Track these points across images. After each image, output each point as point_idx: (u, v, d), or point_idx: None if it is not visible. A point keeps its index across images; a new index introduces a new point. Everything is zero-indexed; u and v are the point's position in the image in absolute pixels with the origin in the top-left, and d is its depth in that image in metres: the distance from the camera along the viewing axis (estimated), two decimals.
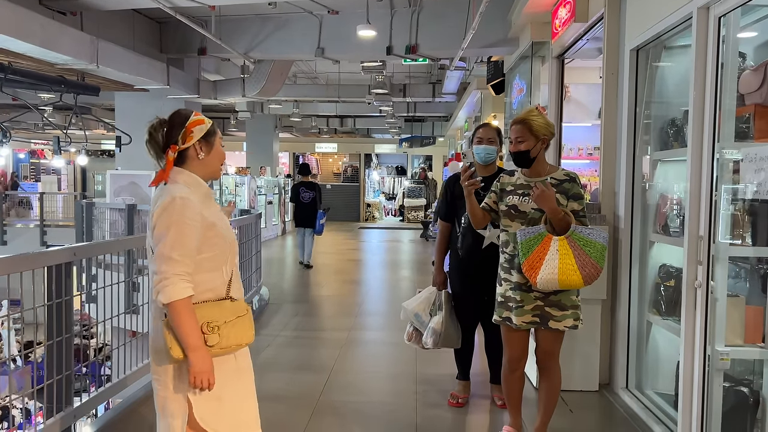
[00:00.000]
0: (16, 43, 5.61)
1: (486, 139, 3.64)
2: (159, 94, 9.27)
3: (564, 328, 2.93)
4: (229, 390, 2.14)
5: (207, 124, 2.17)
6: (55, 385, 3.01)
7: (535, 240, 2.78)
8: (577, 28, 4.81)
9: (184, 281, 1.97)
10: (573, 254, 2.72)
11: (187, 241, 2.00)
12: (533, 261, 2.75)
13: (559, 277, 2.73)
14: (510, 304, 2.96)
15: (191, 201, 2.03)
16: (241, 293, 2.21)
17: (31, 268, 2.88)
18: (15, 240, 13.97)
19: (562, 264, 2.72)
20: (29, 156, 22.20)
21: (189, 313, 1.98)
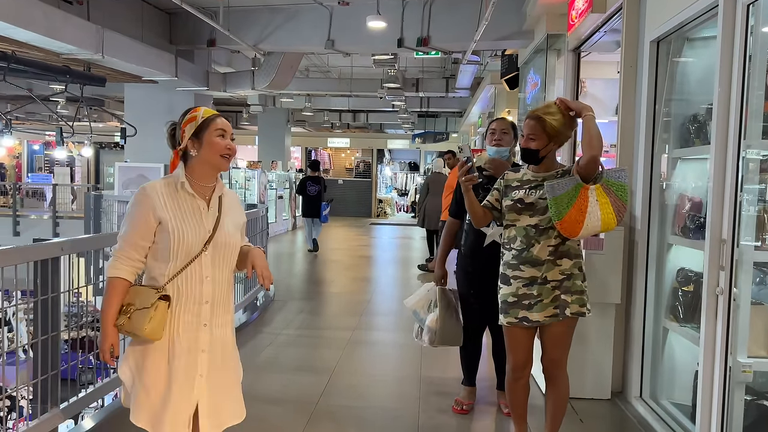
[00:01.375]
0: (17, 31, 5.50)
1: (499, 131, 3.54)
2: (168, 86, 9.18)
3: (572, 314, 2.79)
4: (147, 378, 2.13)
5: (197, 120, 2.18)
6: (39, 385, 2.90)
7: (572, 193, 2.66)
8: (595, 20, 4.61)
9: (118, 261, 2.13)
10: (609, 200, 2.68)
11: (131, 229, 2.14)
12: (575, 215, 2.65)
13: (602, 226, 2.69)
14: (525, 302, 2.79)
15: (148, 194, 2.13)
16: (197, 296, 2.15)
17: (17, 263, 2.78)
18: (27, 231, 14.05)
19: (604, 213, 2.67)
20: (43, 147, 22.30)
21: (110, 291, 2.13)
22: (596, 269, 3.87)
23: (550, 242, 2.75)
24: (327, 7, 8.14)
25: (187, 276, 2.14)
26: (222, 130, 2.19)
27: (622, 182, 2.70)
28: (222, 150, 2.18)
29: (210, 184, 2.22)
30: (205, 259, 2.15)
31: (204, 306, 2.16)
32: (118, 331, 2.13)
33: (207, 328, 2.17)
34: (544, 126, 2.75)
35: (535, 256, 2.75)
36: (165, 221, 2.11)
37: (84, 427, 3.31)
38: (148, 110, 9.53)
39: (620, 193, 2.69)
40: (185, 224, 2.13)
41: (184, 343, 2.14)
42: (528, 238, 2.77)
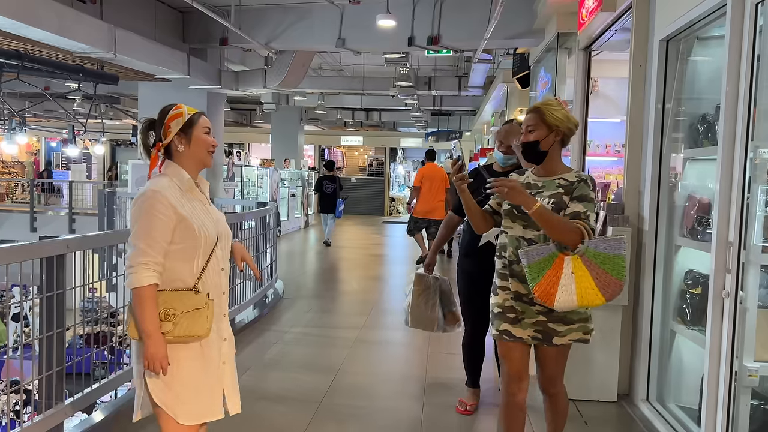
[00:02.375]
0: (30, 30, 5.57)
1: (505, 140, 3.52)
2: (181, 84, 9.23)
3: (569, 341, 2.56)
4: (186, 375, 2.15)
5: (184, 116, 2.19)
6: (45, 380, 2.93)
7: (545, 262, 2.40)
8: (605, 18, 4.56)
9: (148, 270, 2.06)
10: (591, 275, 2.39)
11: (155, 232, 2.08)
12: (546, 287, 2.38)
13: (578, 302, 2.39)
14: (510, 315, 2.58)
15: (162, 193, 2.10)
16: (219, 288, 2.23)
17: (23, 259, 2.81)
18: (44, 227, 14.16)
19: (580, 288, 2.38)
20: (60, 144, 22.57)
21: (148, 300, 2.06)
22: None
23: None
24: (338, 6, 8.14)
25: (210, 271, 2.18)
26: (207, 127, 2.24)
27: (611, 254, 2.40)
28: (209, 146, 2.23)
29: (196, 180, 2.26)
30: (218, 252, 2.21)
31: (223, 296, 2.26)
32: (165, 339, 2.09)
33: (225, 317, 2.29)
34: (542, 116, 2.55)
35: (523, 272, 2.49)
36: (188, 218, 2.12)
37: (94, 420, 3.35)
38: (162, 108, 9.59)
39: (607, 266, 2.39)
40: (203, 219, 2.18)
41: (213, 333, 2.19)
42: (517, 250, 2.52)
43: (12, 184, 18.55)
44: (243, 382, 4.10)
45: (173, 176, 2.18)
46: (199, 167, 2.25)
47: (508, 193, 2.39)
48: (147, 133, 2.24)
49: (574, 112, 5.39)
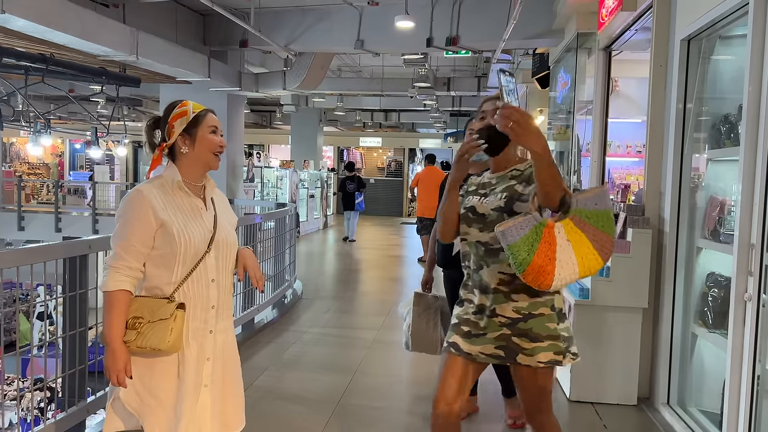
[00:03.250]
0: (55, 34, 5.67)
1: (491, 114, 3.24)
2: (202, 86, 9.32)
3: (538, 364, 2.16)
4: (159, 387, 2.00)
5: (188, 115, 2.05)
6: (68, 378, 2.99)
7: (533, 236, 2.01)
8: (625, 18, 4.52)
9: (118, 274, 1.96)
10: (587, 237, 2.03)
11: (131, 236, 1.97)
12: (542, 263, 2.00)
13: (580, 273, 2.05)
14: (464, 329, 2.26)
15: (145, 196, 1.98)
16: (204, 301, 2.04)
17: (47, 260, 2.87)
18: (68, 228, 14.33)
19: (580, 254, 2.02)
20: (84, 146, 22.92)
21: (113, 307, 1.95)
22: (623, 273, 3.80)
23: (503, 269, 2.17)
24: (357, 8, 8.17)
25: (193, 281, 2.01)
26: (214, 126, 2.08)
27: (602, 209, 2.05)
28: (215, 147, 2.07)
29: (200, 183, 2.11)
30: (210, 261, 2.04)
31: (210, 311, 2.06)
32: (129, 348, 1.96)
33: (212, 335, 2.07)
34: None
35: (485, 282, 2.21)
36: (168, 223, 1.97)
37: None
38: None
39: (601, 224, 2.05)
40: (188, 225, 2.01)
41: (193, 352, 2.02)
42: (478, 257, 2.24)
43: (37, 185, 18.87)
44: (261, 382, 4.17)
45: (167, 178, 2.05)
46: (204, 169, 2.10)
47: (515, 127, 1.85)
48: (152, 132, 2.10)
49: (594, 112, 5.35)
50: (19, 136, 19.86)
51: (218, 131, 2.10)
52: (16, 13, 5.04)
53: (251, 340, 5.24)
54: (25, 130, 11.39)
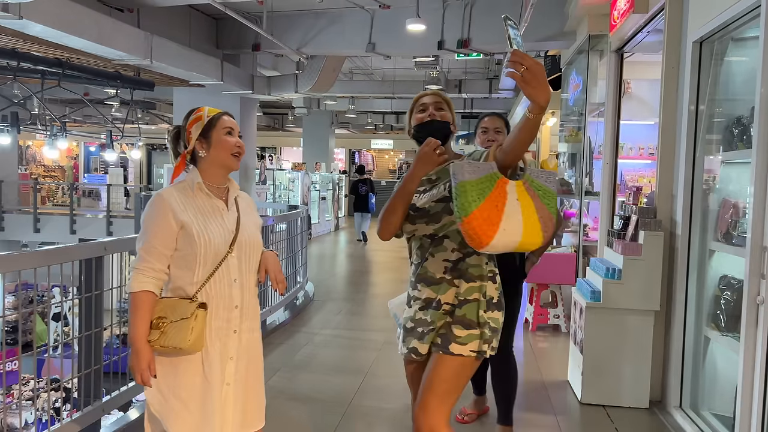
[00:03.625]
0: (71, 39, 5.76)
1: (493, 129, 3.11)
2: (215, 89, 9.41)
3: (471, 353, 2.12)
4: (184, 388, 2.04)
5: (203, 120, 2.10)
6: (83, 378, 3.04)
7: (487, 182, 1.91)
8: (637, 20, 4.51)
9: (143, 275, 2.02)
10: (534, 206, 1.95)
11: (153, 239, 2.02)
12: (488, 213, 1.87)
13: (522, 237, 1.92)
14: (419, 330, 2.21)
15: (165, 199, 2.04)
16: (227, 300, 2.07)
17: (64, 261, 2.91)
18: (83, 230, 14.47)
19: (527, 220, 1.91)
20: (99, 149, 23.17)
21: (138, 308, 2.01)
22: (635, 275, 3.79)
23: (447, 256, 2.16)
24: (368, 11, 8.20)
25: (216, 281, 2.04)
26: (229, 128, 2.10)
27: (550, 188, 2.00)
28: (232, 148, 2.09)
29: (223, 185, 2.15)
30: (232, 261, 2.07)
31: (234, 311, 2.08)
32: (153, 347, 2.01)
33: (236, 334, 2.10)
34: (447, 101, 2.30)
35: (430, 273, 2.18)
36: (188, 225, 2.01)
37: (130, 417, 3.45)
38: None
39: (547, 201, 1.98)
40: (208, 226, 2.04)
41: (216, 351, 2.05)
42: (423, 250, 2.22)
43: (53, 187, 19.10)
44: (273, 383, 4.20)
45: (188, 181, 2.10)
46: (224, 171, 2.13)
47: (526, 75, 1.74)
48: (176, 141, 2.17)
49: (606, 114, 5.34)
50: (35, 139, 20.12)
51: (234, 132, 2.12)
52: (34, 18, 5.13)
53: (263, 341, 5.22)
54: (41, 133, 11.53)
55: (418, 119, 2.26)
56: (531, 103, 1.81)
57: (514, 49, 1.79)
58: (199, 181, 2.08)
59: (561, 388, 4.24)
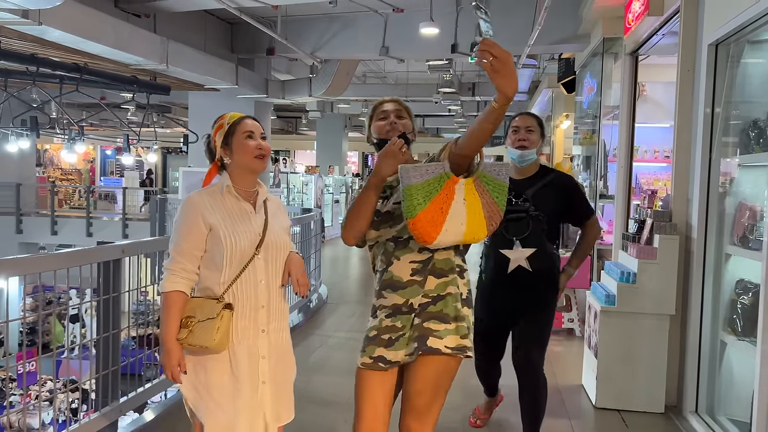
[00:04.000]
0: (89, 44, 5.86)
1: (524, 128, 2.93)
2: (230, 93, 9.49)
3: (446, 349, 2.10)
4: (214, 385, 2.09)
5: (224, 127, 2.15)
6: (101, 379, 3.08)
7: (434, 185, 1.99)
8: (652, 23, 4.50)
9: (175, 275, 2.09)
10: (481, 201, 2.04)
11: (183, 240, 2.10)
12: (432, 215, 1.97)
13: (465, 235, 2.04)
14: (385, 337, 2.14)
15: (196, 203, 2.11)
16: (254, 301, 2.11)
17: (83, 264, 2.96)
18: (99, 232, 14.60)
19: (471, 216, 2.02)
20: (115, 152, 23.42)
21: (168, 307, 2.08)
22: (650, 279, 3.77)
23: (414, 257, 2.13)
24: (382, 15, 8.23)
25: (242, 282, 2.09)
26: (249, 131, 2.13)
27: (500, 180, 2.09)
28: (253, 151, 2.11)
29: (252, 188, 2.18)
30: (258, 262, 2.11)
31: (260, 311, 2.12)
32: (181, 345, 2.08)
33: (265, 334, 2.14)
34: (407, 109, 2.30)
35: (396, 277, 2.14)
36: (215, 226, 2.07)
37: (145, 419, 3.50)
38: (211, 117, 9.55)
39: (497, 195, 2.08)
40: (236, 228, 2.09)
41: (244, 350, 2.09)
42: (387, 255, 2.17)
43: (70, 190, 19.33)
44: None
45: (218, 185, 2.16)
46: (251, 174, 2.16)
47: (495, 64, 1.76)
48: (210, 151, 2.22)
49: (621, 117, 5.32)
50: (52, 143, 20.38)
51: (255, 135, 2.14)
52: (53, 24, 5.22)
53: None
54: (59, 137, 11.70)
55: (379, 127, 2.24)
56: (498, 92, 1.82)
57: (484, 38, 1.81)
58: (228, 185, 2.13)
59: (575, 393, 4.23)
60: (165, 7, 6.95)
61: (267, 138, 2.22)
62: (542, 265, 2.88)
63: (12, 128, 9.64)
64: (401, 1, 7.74)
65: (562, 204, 2.93)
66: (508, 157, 3.00)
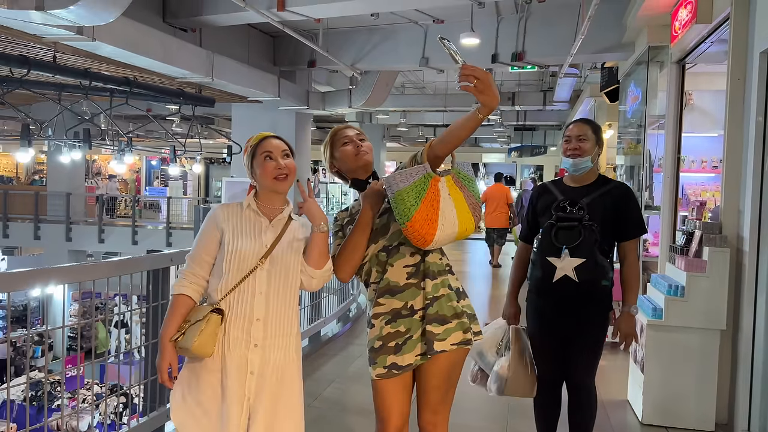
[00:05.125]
0: (138, 58, 6.05)
1: (575, 137, 2.85)
2: (272, 105, 9.65)
3: (452, 347, 2.19)
4: (203, 392, 2.08)
5: (248, 150, 2.18)
6: (149, 385, 3.16)
7: (420, 186, 2.08)
8: (700, 30, 4.40)
9: (185, 280, 2.14)
10: (463, 195, 2.17)
11: (198, 245, 2.16)
12: (426, 213, 2.07)
13: (459, 228, 2.15)
14: (392, 344, 2.20)
15: (215, 211, 2.18)
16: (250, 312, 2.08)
17: (134, 272, 3.06)
18: (144, 240, 14.96)
19: (460, 211, 2.14)
20: (160, 162, 24.05)
21: (173, 309, 2.12)
22: (699, 293, 3.67)
23: (407, 262, 2.23)
24: (422, 26, 8.27)
25: (240, 290, 2.08)
26: (268, 152, 2.12)
27: (471, 176, 2.25)
28: (272, 172, 2.11)
29: (276, 207, 2.19)
30: (261, 274, 2.09)
31: (255, 323, 2.08)
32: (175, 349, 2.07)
33: (258, 348, 2.08)
34: (360, 130, 2.41)
35: (393, 282, 2.22)
36: (224, 232, 2.11)
37: None
38: (253, 128, 9.94)
39: (472, 188, 2.22)
40: (241, 237, 2.11)
41: (234, 361, 2.07)
42: (381, 264, 2.25)
43: (117, 199, 19.90)
44: (328, 394, 4.26)
45: (245, 199, 2.20)
46: (274, 195, 2.17)
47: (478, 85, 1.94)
48: None
49: (667, 126, 5.21)
50: (100, 154, 21.05)
51: (275, 155, 2.13)
52: (106, 40, 5.41)
53: (318, 353, 5.35)
54: (108, 148, 12.09)
55: (347, 152, 2.32)
56: (482, 106, 1.98)
57: (463, 63, 1.98)
58: (251, 201, 2.18)
59: (620, 408, 4.13)
60: (210, 21, 7.13)
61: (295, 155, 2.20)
62: (590, 277, 2.76)
63: (66, 140, 10.01)
64: (442, 12, 7.76)
65: (615, 213, 2.81)
66: (563, 165, 2.95)
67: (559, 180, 3.03)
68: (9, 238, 14.95)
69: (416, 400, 2.31)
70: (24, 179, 21.71)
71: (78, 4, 4.30)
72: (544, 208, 2.89)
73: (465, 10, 7.02)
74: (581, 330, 2.85)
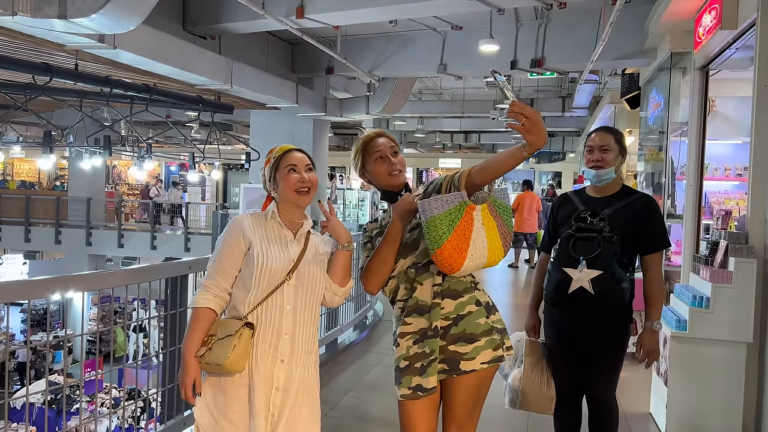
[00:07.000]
0: (158, 65, 6.10)
1: (598, 148, 2.77)
2: (290, 112, 9.69)
3: (482, 366, 2.16)
4: (230, 406, 2.05)
5: (271, 162, 2.17)
6: (167, 392, 3.16)
7: (455, 212, 2.06)
8: (724, 36, 4.32)
9: (208, 292, 2.09)
10: (496, 224, 2.15)
11: (221, 256, 2.10)
12: (458, 242, 2.05)
13: (489, 258, 2.13)
14: (417, 365, 2.18)
15: (239, 222, 2.13)
16: (277, 327, 2.07)
17: (152, 279, 3.06)
18: (163, 246, 15.05)
19: (491, 242, 2.12)
20: (179, 168, 24.27)
21: (194, 322, 2.07)
22: (725, 304, 3.59)
23: (435, 281, 2.19)
24: (440, 33, 8.26)
25: (268, 305, 2.06)
26: (293, 164, 2.12)
27: (506, 204, 2.22)
28: (295, 185, 2.11)
29: (298, 220, 2.18)
30: (288, 289, 2.08)
31: (283, 338, 2.07)
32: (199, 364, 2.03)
33: (284, 364, 2.07)
34: (394, 139, 2.38)
35: (422, 301, 2.19)
36: (252, 244, 2.07)
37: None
38: (271, 135, 10.10)
39: (506, 218, 2.19)
40: (270, 249, 2.08)
41: (261, 376, 2.05)
42: (409, 281, 2.22)
43: (135, 205, 20.11)
44: (345, 403, 4.23)
45: (266, 211, 2.18)
46: (294, 208, 2.16)
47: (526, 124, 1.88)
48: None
49: (690, 133, 5.13)
50: (120, 159, 21.29)
51: (299, 168, 2.13)
52: (127, 47, 5.47)
53: (335, 360, 5.32)
54: (127, 154, 12.23)
55: (380, 172, 2.30)
56: (528, 145, 1.94)
57: (513, 100, 1.93)
58: (273, 211, 2.16)
59: (643, 421, 4.05)
60: (230, 29, 7.18)
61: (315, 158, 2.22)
62: (607, 290, 2.68)
63: (86, 146, 10.13)
64: (460, 19, 7.74)
65: (638, 225, 2.73)
66: (586, 176, 2.90)
67: (582, 190, 2.97)
68: (31, 242, 15.15)
69: (442, 414, 2.28)
70: (46, 184, 22.03)
71: (100, 12, 4.34)
72: (565, 218, 2.83)
73: (484, 17, 6.99)
74: (600, 347, 2.77)
